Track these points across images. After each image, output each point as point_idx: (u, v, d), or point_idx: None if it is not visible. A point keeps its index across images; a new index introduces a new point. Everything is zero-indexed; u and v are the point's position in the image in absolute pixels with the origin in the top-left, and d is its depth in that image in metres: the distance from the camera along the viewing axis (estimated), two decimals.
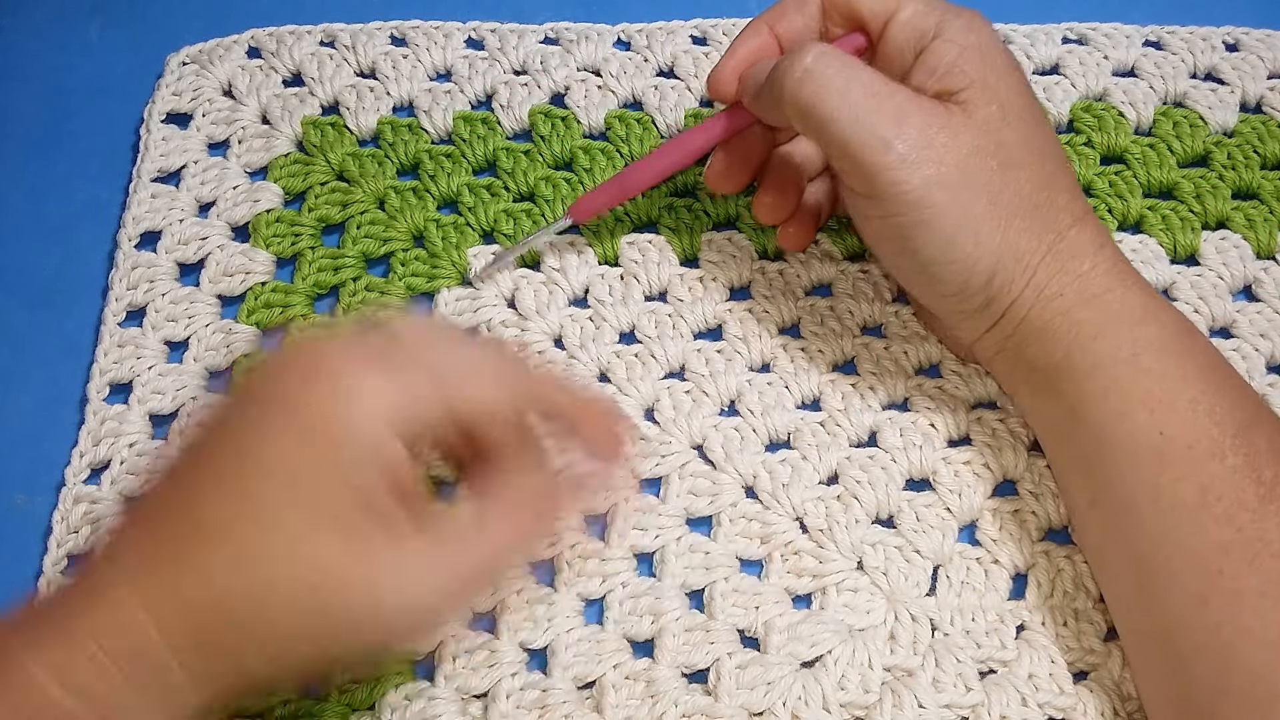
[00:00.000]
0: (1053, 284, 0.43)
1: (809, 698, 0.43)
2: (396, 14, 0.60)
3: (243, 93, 0.58)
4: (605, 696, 0.44)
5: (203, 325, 0.52)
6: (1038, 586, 0.46)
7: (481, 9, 0.61)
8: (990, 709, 0.43)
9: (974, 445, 0.48)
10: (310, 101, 0.58)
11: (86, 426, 0.50)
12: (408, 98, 0.58)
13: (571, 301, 0.53)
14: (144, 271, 0.53)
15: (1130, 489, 0.41)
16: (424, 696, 0.44)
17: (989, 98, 0.43)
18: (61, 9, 0.62)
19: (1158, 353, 0.42)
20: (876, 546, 0.47)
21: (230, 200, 0.55)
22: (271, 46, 0.59)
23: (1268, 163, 0.54)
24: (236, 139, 0.57)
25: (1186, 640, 0.39)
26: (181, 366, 0.51)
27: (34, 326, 0.54)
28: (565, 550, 0.47)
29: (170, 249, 0.54)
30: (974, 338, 0.46)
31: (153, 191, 0.55)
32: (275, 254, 0.54)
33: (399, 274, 0.53)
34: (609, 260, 0.53)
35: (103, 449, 0.49)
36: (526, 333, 0.51)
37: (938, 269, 0.43)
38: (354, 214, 0.54)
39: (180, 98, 0.58)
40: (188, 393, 0.50)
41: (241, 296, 0.53)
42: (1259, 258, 0.52)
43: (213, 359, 0.51)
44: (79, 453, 0.49)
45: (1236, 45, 0.58)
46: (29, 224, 0.57)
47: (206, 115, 0.58)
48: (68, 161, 0.58)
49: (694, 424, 0.49)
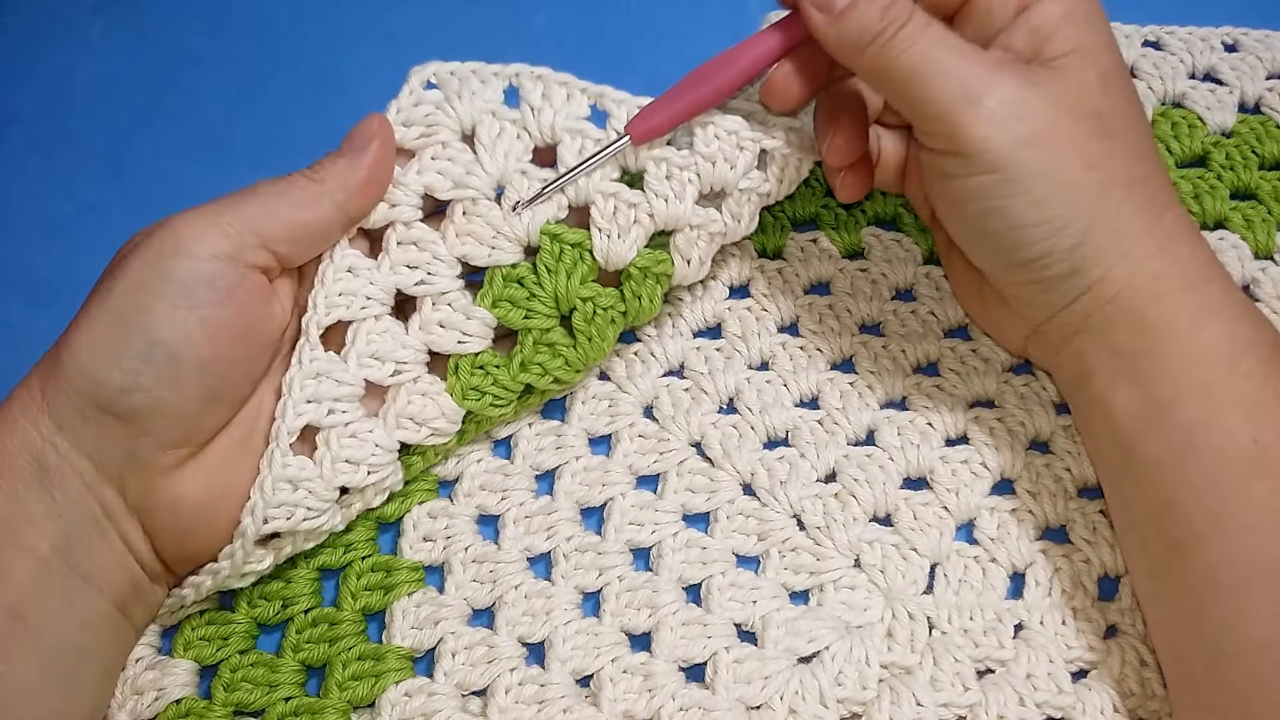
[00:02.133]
0: (1151, 264, 0.41)
1: (806, 693, 0.44)
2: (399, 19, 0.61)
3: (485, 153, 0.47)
4: (603, 690, 0.44)
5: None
6: (1035, 585, 0.46)
7: (482, 9, 0.61)
8: (988, 708, 0.43)
9: (972, 444, 0.48)
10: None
11: None
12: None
13: None
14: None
15: (1217, 496, 0.39)
16: (423, 692, 0.44)
17: (1090, 64, 0.41)
18: (63, 9, 0.63)
19: (1257, 356, 0.40)
20: (874, 544, 0.47)
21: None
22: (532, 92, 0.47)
23: (1266, 163, 0.54)
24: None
25: (1268, 662, 0.37)
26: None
27: (34, 326, 0.53)
28: (562, 543, 0.47)
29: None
30: (1047, 315, 0.44)
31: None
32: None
33: None
34: None
35: None
36: None
37: (1023, 232, 0.41)
38: None
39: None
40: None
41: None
42: (1257, 258, 0.52)
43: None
44: None
45: (1235, 46, 0.58)
46: (29, 224, 0.57)
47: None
48: (68, 161, 0.59)
49: (693, 421, 0.49)
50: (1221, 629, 0.39)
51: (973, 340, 0.51)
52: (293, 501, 0.42)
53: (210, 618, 0.46)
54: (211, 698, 0.44)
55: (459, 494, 0.48)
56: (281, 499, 0.42)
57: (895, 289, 0.52)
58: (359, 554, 0.47)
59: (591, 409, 0.50)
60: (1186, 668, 0.41)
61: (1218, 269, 0.42)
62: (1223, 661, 0.39)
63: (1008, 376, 0.50)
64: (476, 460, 0.49)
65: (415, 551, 0.47)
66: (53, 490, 0.40)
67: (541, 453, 0.49)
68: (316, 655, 0.45)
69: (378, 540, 0.48)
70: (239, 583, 0.45)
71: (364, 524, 0.47)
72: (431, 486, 0.48)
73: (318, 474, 0.43)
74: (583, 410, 0.50)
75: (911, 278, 0.52)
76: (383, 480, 0.45)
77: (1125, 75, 0.43)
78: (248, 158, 0.59)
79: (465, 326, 0.45)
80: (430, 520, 0.48)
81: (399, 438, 0.44)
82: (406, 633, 0.45)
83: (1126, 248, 0.41)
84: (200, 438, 0.41)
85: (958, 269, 0.49)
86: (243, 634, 0.46)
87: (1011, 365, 0.50)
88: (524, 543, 0.47)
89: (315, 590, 0.47)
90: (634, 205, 0.45)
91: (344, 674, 0.45)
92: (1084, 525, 0.46)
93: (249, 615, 0.46)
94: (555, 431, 0.49)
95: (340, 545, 0.47)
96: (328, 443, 0.43)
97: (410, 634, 0.45)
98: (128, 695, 0.44)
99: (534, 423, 0.50)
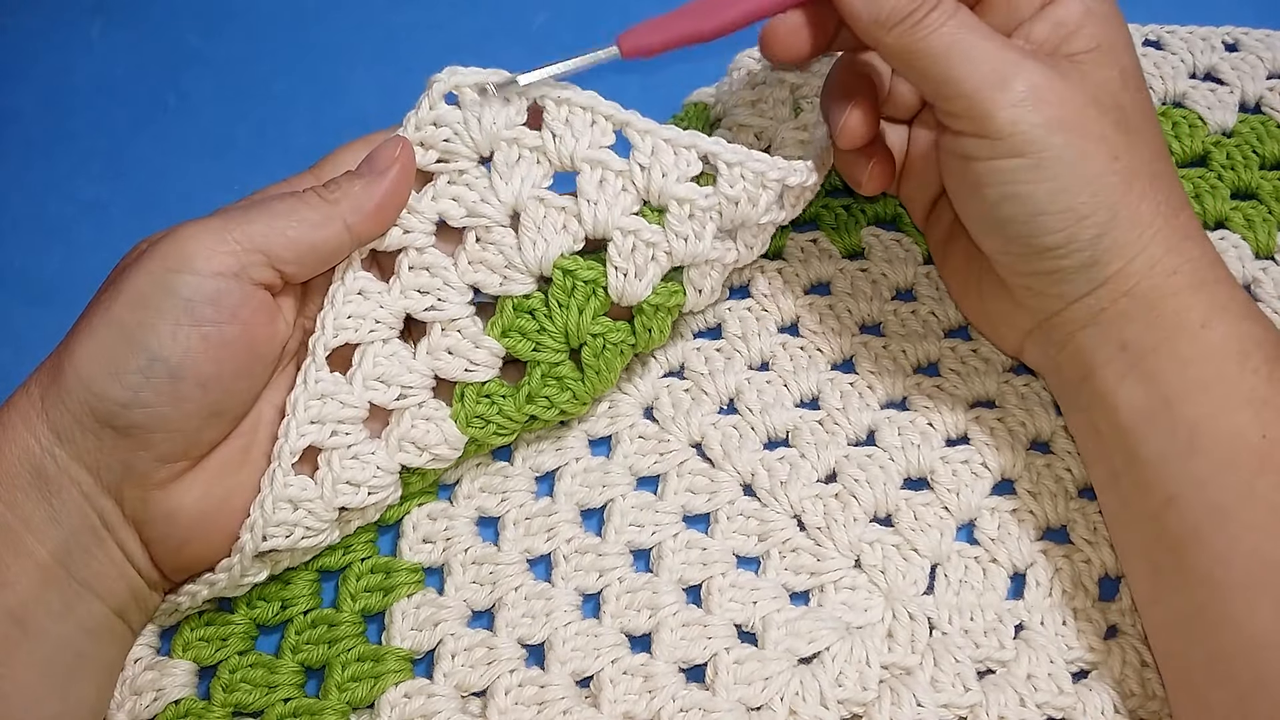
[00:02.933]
0: (1168, 260, 0.41)
1: (806, 693, 0.43)
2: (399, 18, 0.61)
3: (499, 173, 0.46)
4: (603, 691, 0.44)
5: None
6: (1036, 586, 0.46)
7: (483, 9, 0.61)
8: (989, 709, 0.43)
9: (972, 444, 0.48)
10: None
11: None
12: None
13: None
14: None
15: (1221, 489, 0.39)
16: (423, 694, 0.44)
17: (1112, 61, 0.41)
18: (63, 9, 0.63)
19: (1264, 354, 0.40)
20: (874, 545, 0.47)
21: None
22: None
23: (1266, 163, 0.54)
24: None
25: (1269, 661, 0.37)
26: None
27: (34, 326, 0.54)
28: (562, 545, 0.47)
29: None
30: (1057, 308, 0.44)
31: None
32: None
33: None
34: None
35: None
36: None
37: (1045, 219, 0.41)
38: None
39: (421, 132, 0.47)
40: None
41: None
42: (1258, 257, 0.52)
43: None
44: None
45: (1236, 45, 0.58)
46: (29, 224, 0.57)
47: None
48: (68, 161, 0.59)
49: (693, 422, 0.49)
50: (1222, 627, 0.39)
51: (973, 340, 0.50)
52: (292, 521, 0.42)
53: (209, 618, 0.46)
54: (210, 698, 0.44)
55: (459, 496, 0.48)
56: (281, 518, 0.42)
57: (895, 289, 0.52)
58: (358, 555, 0.47)
59: (591, 411, 0.50)
60: (1186, 668, 0.40)
61: (1224, 269, 0.42)
62: (1223, 660, 0.39)
63: (1008, 377, 0.49)
64: (476, 463, 0.49)
65: (415, 553, 0.47)
66: (51, 499, 0.40)
67: (541, 454, 0.49)
68: (316, 656, 0.45)
69: (377, 542, 0.48)
70: (234, 593, 0.45)
71: (363, 526, 0.47)
72: (431, 489, 0.48)
73: (318, 494, 0.43)
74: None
75: (911, 278, 0.52)
76: (382, 501, 0.45)
77: (1142, 76, 0.43)
78: (248, 158, 0.59)
79: (473, 355, 0.45)
80: (430, 522, 0.48)
81: (400, 460, 0.44)
82: (406, 634, 0.45)
83: (1145, 241, 0.41)
84: (198, 451, 0.41)
85: (953, 267, 0.49)
86: (242, 635, 0.46)
87: (1012, 365, 0.50)
88: (524, 544, 0.47)
89: (315, 591, 0.47)
90: (652, 245, 0.44)
91: (343, 675, 0.44)
92: (1085, 525, 0.46)
93: (248, 616, 0.46)
94: (555, 433, 0.49)
95: (340, 547, 0.47)
96: (329, 464, 0.43)
97: (410, 635, 0.45)
98: (126, 695, 0.44)
99: None
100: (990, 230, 0.43)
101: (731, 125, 0.53)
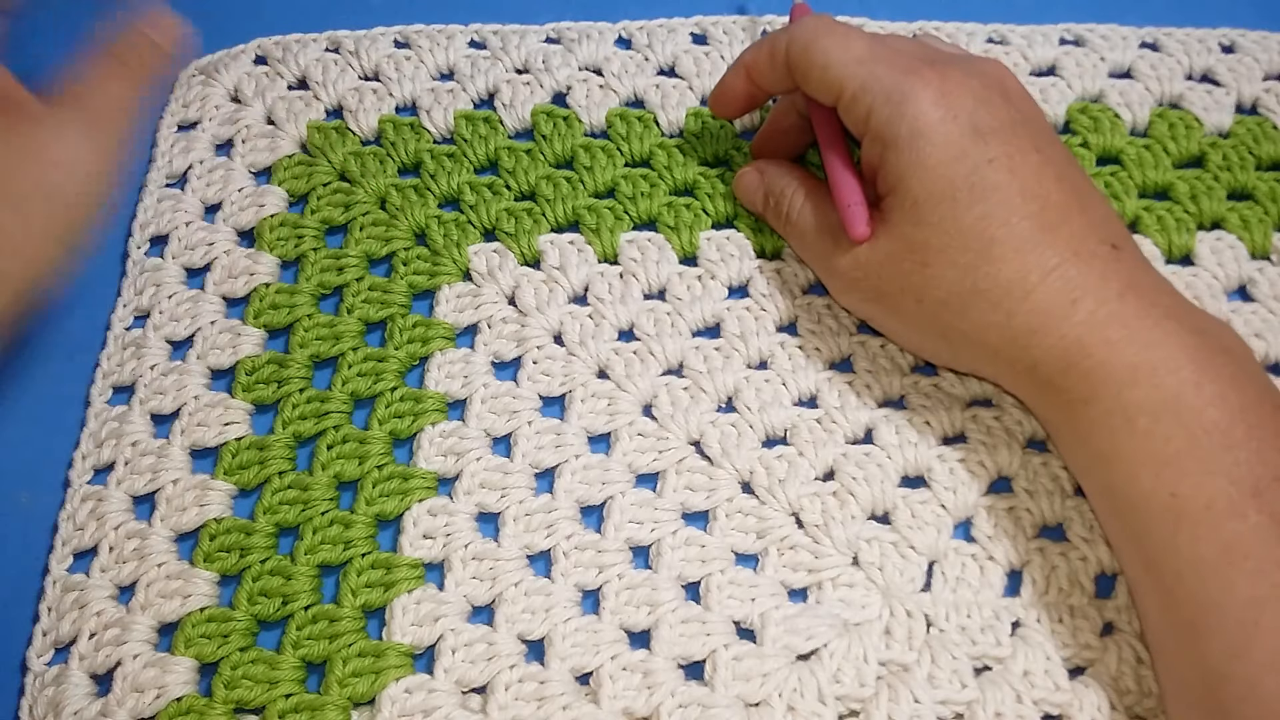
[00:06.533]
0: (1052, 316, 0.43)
1: (804, 690, 0.44)
2: (400, 18, 0.61)
3: (249, 97, 0.59)
4: (602, 687, 0.44)
5: (208, 322, 0.52)
6: (1033, 583, 0.46)
7: (485, 10, 0.61)
8: (985, 706, 0.43)
9: (969, 442, 0.48)
10: (315, 105, 0.58)
11: (88, 429, 0.50)
12: (410, 98, 0.58)
13: (571, 299, 0.53)
14: (151, 276, 0.54)
15: (1150, 547, 0.40)
16: (423, 689, 0.44)
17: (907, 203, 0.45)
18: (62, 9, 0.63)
19: (1153, 415, 0.40)
20: (872, 542, 0.47)
21: (236, 204, 0.56)
22: (278, 54, 0.60)
23: (1263, 164, 0.55)
24: (241, 139, 0.57)
25: (1228, 693, 0.38)
26: (185, 365, 0.52)
27: (34, 326, 0.54)
28: (562, 541, 0.47)
29: (177, 254, 0.55)
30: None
31: (159, 195, 0.56)
32: (280, 256, 0.54)
33: (400, 273, 0.53)
34: (609, 258, 0.54)
35: (105, 451, 0.50)
36: (526, 329, 0.52)
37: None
38: (356, 215, 0.55)
39: (189, 108, 0.59)
40: (190, 392, 0.51)
41: (246, 299, 0.53)
42: (1254, 258, 0.52)
43: (217, 359, 0.52)
44: (80, 455, 0.50)
45: (1232, 47, 0.58)
46: None
47: (213, 119, 0.58)
48: None
49: (691, 420, 0.49)
50: (1187, 663, 0.40)
51: None
52: None
53: (210, 615, 0.46)
54: (212, 695, 0.45)
55: (459, 491, 0.48)
56: None
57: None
58: (359, 551, 0.47)
59: (591, 407, 0.50)
60: (1175, 687, 0.41)
61: (1110, 327, 0.42)
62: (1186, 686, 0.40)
63: None
64: (476, 458, 0.49)
65: (415, 549, 0.47)
66: None
67: (541, 451, 0.49)
68: (316, 652, 0.45)
69: (377, 537, 0.48)
70: None
71: (364, 521, 0.48)
72: (431, 484, 0.49)
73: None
74: (582, 409, 0.50)
75: None
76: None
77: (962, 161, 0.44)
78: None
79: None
80: (430, 517, 0.48)
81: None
82: (406, 629, 0.46)
83: (1029, 291, 0.43)
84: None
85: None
86: (243, 631, 0.46)
87: None
88: (524, 540, 0.47)
89: (315, 587, 0.47)
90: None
91: (344, 671, 0.45)
92: (1081, 523, 0.46)
93: (249, 612, 0.46)
94: (555, 430, 0.50)
95: (340, 542, 0.47)
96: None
97: (410, 631, 0.45)
98: (127, 692, 0.44)
99: (534, 421, 0.50)
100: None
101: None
